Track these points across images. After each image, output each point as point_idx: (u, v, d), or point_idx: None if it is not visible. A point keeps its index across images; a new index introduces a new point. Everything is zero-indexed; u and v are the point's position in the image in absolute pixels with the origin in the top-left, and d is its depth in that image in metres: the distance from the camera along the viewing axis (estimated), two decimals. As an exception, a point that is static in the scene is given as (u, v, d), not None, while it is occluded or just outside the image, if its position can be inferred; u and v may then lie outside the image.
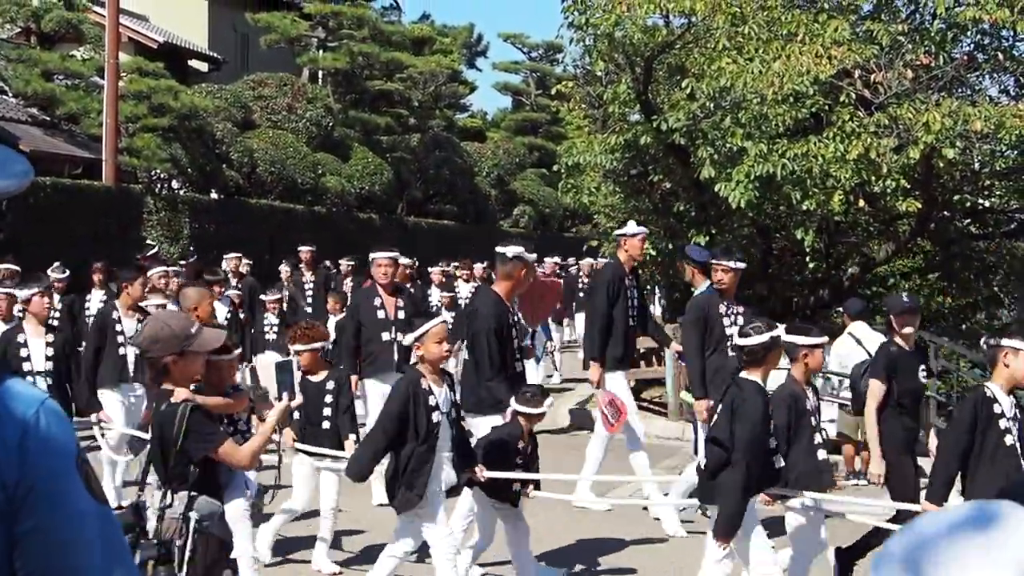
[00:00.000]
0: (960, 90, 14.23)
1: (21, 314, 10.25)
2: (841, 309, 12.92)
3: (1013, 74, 14.83)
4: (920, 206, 13.72)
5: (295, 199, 28.46)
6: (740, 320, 9.55)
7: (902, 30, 13.36)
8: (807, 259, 14.79)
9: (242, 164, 27.02)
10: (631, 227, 10.55)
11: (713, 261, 9.64)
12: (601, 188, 15.75)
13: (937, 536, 1.37)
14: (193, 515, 4.96)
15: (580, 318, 21.90)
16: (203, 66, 33.54)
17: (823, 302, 15.62)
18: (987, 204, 16.55)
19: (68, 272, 14.31)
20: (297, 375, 7.53)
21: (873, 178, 12.90)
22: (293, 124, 29.40)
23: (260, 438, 5.40)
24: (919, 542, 1.38)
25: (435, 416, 6.51)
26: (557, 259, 22.94)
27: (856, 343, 11.95)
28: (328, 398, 8.23)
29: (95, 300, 14.11)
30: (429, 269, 18.63)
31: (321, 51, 33.31)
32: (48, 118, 24.13)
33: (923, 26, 13.98)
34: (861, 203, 13.96)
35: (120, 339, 10.28)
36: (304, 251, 18.34)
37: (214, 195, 26.11)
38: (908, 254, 16.83)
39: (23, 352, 8.68)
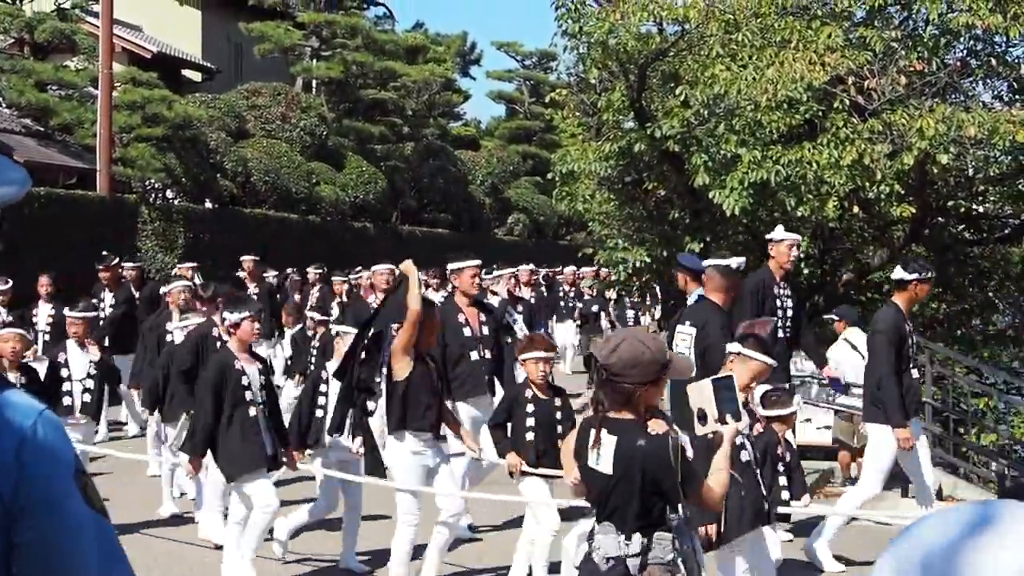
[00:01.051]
0: (953, 96, 14.24)
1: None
2: (834, 316, 12.92)
3: (1006, 79, 14.85)
4: (914, 212, 13.72)
5: (289, 208, 28.46)
6: (914, 336, 8.91)
7: (895, 36, 13.38)
8: (802, 265, 14.80)
9: (236, 173, 27.02)
10: (778, 232, 9.84)
11: (916, 276, 8.63)
12: (595, 196, 15.74)
13: (942, 539, 1.36)
14: (678, 559, 4.45)
15: (561, 329, 21.61)
16: (197, 76, 33.55)
17: (818, 308, 15.63)
18: (981, 210, 16.57)
19: (11, 283, 14.08)
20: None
21: (867, 184, 12.91)
22: (287, 133, 29.41)
23: (723, 474, 4.66)
24: (923, 545, 1.37)
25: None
26: (532, 266, 20.60)
27: (852, 349, 11.97)
28: (559, 415, 7.82)
29: (43, 312, 14.02)
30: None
31: (315, 60, 33.35)
32: (42, 129, 24.12)
33: (916, 32, 13.99)
34: (855, 209, 13.98)
35: None
36: (246, 260, 17.39)
37: (208, 205, 26.10)
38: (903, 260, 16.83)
39: (244, 380, 7.84)
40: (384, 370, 7.65)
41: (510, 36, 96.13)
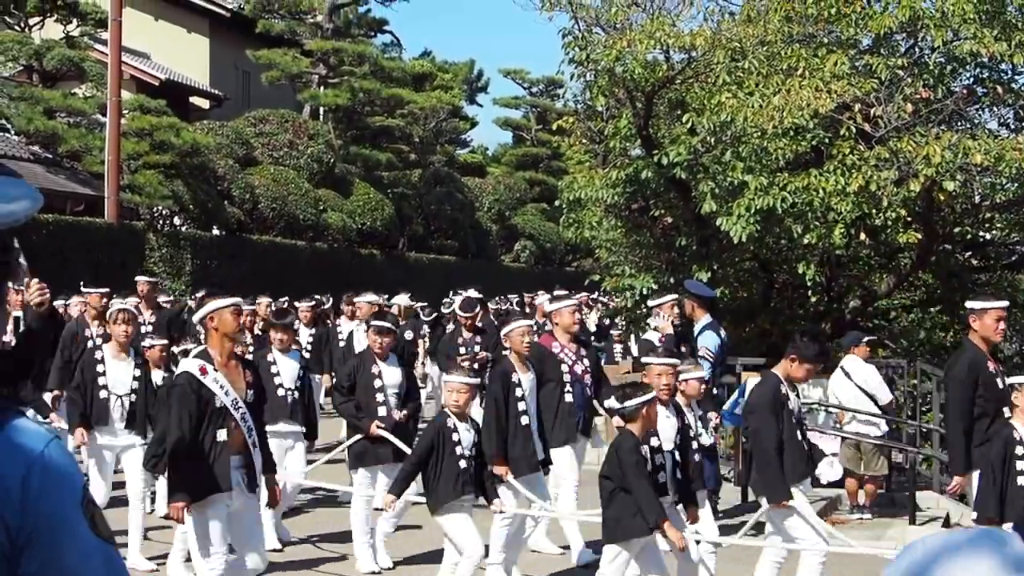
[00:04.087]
0: (960, 123, 14.26)
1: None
2: (839, 343, 12.86)
3: (1012, 107, 14.87)
4: (921, 239, 13.72)
5: (297, 235, 28.50)
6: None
7: (901, 64, 13.40)
8: (809, 293, 14.78)
9: (244, 200, 27.08)
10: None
11: None
12: (602, 223, 15.75)
13: (924, 560, 1.37)
14: None
15: None
16: (205, 103, 33.68)
17: (825, 336, 15.63)
18: (988, 237, 16.56)
19: None
20: None
21: (874, 211, 12.91)
22: (294, 160, 29.49)
23: None
24: (910, 564, 1.38)
25: None
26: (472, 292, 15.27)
27: (845, 377, 11.90)
28: None
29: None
30: (296, 304, 16.44)
31: (322, 88, 33.45)
32: (50, 156, 24.19)
33: (922, 60, 14.02)
34: (862, 236, 13.98)
35: (522, 406, 8.37)
36: (141, 282, 14.59)
37: (216, 231, 26.16)
38: (909, 287, 16.81)
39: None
40: None
41: (517, 63, 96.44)
